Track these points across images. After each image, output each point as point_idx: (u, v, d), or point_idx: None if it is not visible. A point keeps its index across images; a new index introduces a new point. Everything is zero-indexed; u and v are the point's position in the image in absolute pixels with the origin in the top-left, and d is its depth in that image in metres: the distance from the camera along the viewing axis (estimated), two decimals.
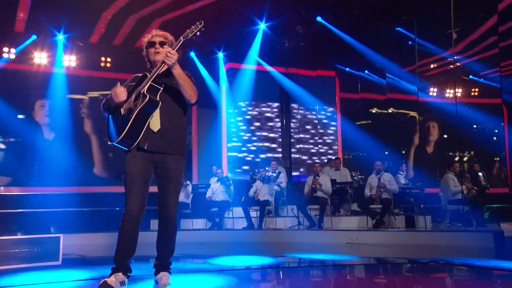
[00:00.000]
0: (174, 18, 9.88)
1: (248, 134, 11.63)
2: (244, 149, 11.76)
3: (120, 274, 3.00)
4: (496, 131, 12.25)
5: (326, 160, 10.87)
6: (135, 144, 3.03)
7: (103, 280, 2.93)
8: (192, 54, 11.46)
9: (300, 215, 8.78)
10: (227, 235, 8.71)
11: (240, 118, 11.78)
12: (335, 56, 11.35)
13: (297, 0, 9.73)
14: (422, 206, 9.78)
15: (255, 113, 11.70)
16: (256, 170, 9.77)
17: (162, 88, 3.10)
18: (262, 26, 10.60)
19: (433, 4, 8.81)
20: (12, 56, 10.28)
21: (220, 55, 11.59)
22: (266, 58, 11.70)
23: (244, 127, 11.69)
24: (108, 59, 10.92)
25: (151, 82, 3.06)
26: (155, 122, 3.07)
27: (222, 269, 4.60)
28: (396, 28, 10.13)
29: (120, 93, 3.04)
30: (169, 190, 3.14)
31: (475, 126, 12.13)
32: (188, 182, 9.51)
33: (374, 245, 7.29)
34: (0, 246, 7.73)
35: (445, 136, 12.27)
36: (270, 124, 11.78)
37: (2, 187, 10.13)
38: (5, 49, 10.26)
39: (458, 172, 8.89)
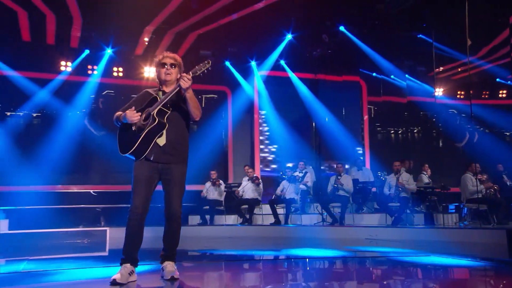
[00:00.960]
0: (208, 31, 10.49)
1: (279, 136, 12.07)
2: (274, 149, 12.25)
3: (128, 265, 3.40)
4: None
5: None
6: (143, 157, 3.47)
7: (112, 278, 3.28)
8: (227, 63, 12.03)
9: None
10: (256, 230, 9.22)
11: (272, 121, 12.24)
12: (360, 62, 11.61)
13: (321, 11, 10.09)
14: (443, 204, 9.93)
15: (286, 115, 12.12)
16: (284, 171, 10.20)
17: (169, 112, 3.51)
18: (289, 36, 11.01)
19: (450, 11, 8.96)
20: (69, 69, 11.23)
21: (253, 63, 12.08)
22: (295, 66, 12.14)
23: (275, 130, 12.14)
24: (154, 69, 11.67)
25: (161, 106, 3.48)
26: (161, 138, 3.49)
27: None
28: (419, 35, 10.30)
29: (134, 117, 3.45)
30: (173, 193, 3.56)
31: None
32: (220, 181, 10.07)
33: (391, 241, 7.56)
34: (57, 238, 8.67)
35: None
36: (300, 126, 12.17)
37: (60, 185, 11.09)
38: (63, 63, 11.24)
39: (476, 172, 8.99)
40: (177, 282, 3.46)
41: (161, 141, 3.51)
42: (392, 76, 12.39)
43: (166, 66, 3.63)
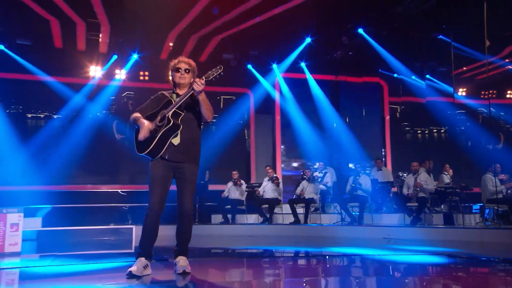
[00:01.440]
0: (230, 36, 10.70)
1: (301, 136, 12.17)
2: (295, 150, 12.36)
3: (143, 259, 3.59)
4: None
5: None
6: (158, 156, 3.66)
7: (128, 270, 3.49)
8: (249, 66, 12.22)
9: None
10: (276, 229, 9.35)
11: (293, 122, 12.36)
12: (380, 63, 11.60)
13: (341, 14, 10.14)
14: (465, 205, 9.82)
15: (307, 116, 12.21)
16: (304, 171, 10.29)
17: (183, 113, 3.71)
18: (309, 39, 11.11)
19: (469, 11, 8.88)
20: (99, 74, 11.65)
21: (275, 66, 12.22)
22: (315, 68, 12.23)
23: (296, 130, 12.25)
24: None
25: (176, 109, 3.68)
26: (176, 138, 3.68)
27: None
28: (439, 36, 10.23)
29: (147, 133, 3.65)
30: (185, 191, 3.73)
31: None
32: (242, 181, 10.23)
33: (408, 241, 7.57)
34: (86, 235, 9.03)
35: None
36: (321, 126, 12.25)
37: (90, 185, 11.52)
38: (92, 68, 11.66)
39: (497, 172, 8.87)
40: (188, 275, 3.64)
41: (176, 141, 3.70)
42: (413, 77, 12.32)
43: (180, 71, 3.83)
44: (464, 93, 12.54)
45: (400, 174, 10.91)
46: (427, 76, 12.20)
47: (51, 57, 11.15)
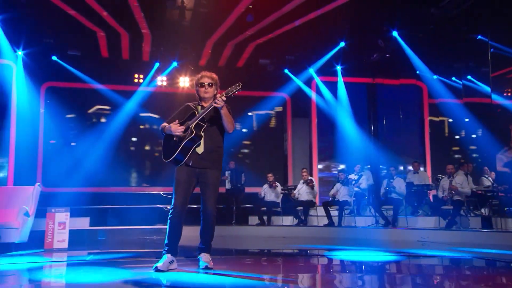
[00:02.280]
0: (266, 41, 10.98)
1: (337, 139, 12.27)
2: (332, 153, 12.47)
3: (169, 255, 3.94)
4: None
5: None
6: (183, 163, 4.00)
7: (154, 266, 3.86)
8: (286, 70, 12.46)
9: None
10: (310, 231, 9.55)
11: (330, 125, 12.49)
12: (418, 65, 11.51)
13: (376, 17, 10.20)
14: (507, 209, 9.57)
15: (344, 119, 12.28)
16: (339, 174, 10.40)
17: (205, 125, 4.02)
18: (343, 43, 11.24)
19: (507, 11, 8.73)
20: (141, 81, 12.27)
21: (311, 70, 12.39)
22: (352, 71, 12.30)
23: (334, 133, 12.36)
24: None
25: (198, 121, 3.99)
26: (200, 147, 4.01)
27: None
28: (478, 37, 10.06)
29: (178, 130, 3.96)
30: (208, 194, 4.04)
31: None
32: (277, 183, 10.48)
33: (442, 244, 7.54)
34: (130, 234, 9.59)
35: None
36: (358, 129, 12.29)
37: (134, 187, 12.15)
38: (136, 75, 12.31)
39: None
40: (210, 270, 3.95)
41: (200, 149, 4.04)
42: (453, 78, 12.13)
43: (204, 85, 4.14)
44: (507, 94, 12.16)
45: (440, 177, 10.78)
46: (468, 77, 11.97)
47: (98, 66, 11.85)
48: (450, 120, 11.79)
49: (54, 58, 11.35)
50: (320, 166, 12.58)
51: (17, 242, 6.48)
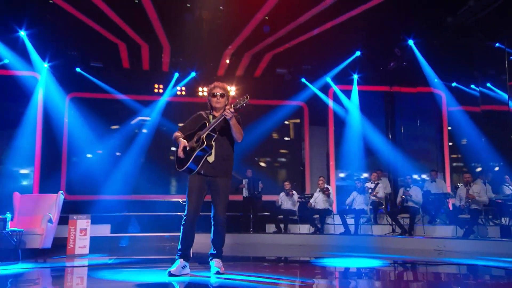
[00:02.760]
0: (283, 51, 11.18)
1: (355, 147, 12.31)
2: (350, 161, 12.50)
3: (182, 260, 4.13)
4: None
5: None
6: (195, 171, 4.20)
7: (168, 270, 4.04)
8: (303, 79, 12.61)
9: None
10: (326, 239, 9.62)
11: (347, 134, 12.55)
12: (436, 73, 11.51)
13: (392, 26, 10.29)
14: None
15: (362, 127, 12.33)
16: (356, 182, 10.44)
17: (216, 135, 4.21)
18: (358, 53, 11.34)
19: None
20: (161, 91, 12.59)
21: (328, 79, 12.50)
22: (370, 79, 12.37)
23: (351, 142, 12.42)
24: (233, 88, 12.58)
25: (209, 131, 4.19)
26: (211, 156, 4.21)
27: None
28: (496, 45, 10.03)
29: (180, 153, 4.20)
30: (218, 201, 4.24)
31: None
32: (294, 191, 10.59)
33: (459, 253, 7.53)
34: (148, 241, 9.82)
35: None
36: (376, 138, 12.33)
37: (153, 195, 12.41)
38: (156, 86, 12.64)
39: None
40: (221, 275, 4.12)
41: (211, 158, 4.24)
42: (472, 86, 12.08)
43: (216, 95, 4.35)
44: None
45: (459, 186, 10.73)
46: (488, 84, 11.91)
47: (120, 76, 12.23)
48: (469, 128, 11.68)
49: (78, 69, 11.75)
50: (337, 175, 12.63)
51: (41, 248, 6.77)
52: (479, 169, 10.40)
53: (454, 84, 12.20)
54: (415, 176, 9.43)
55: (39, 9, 9.37)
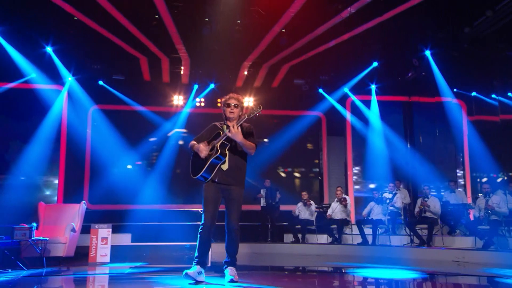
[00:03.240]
0: (300, 63, 11.32)
1: (373, 158, 12.34)
2: (368, 171, 12.53)
3: (198, 266, 4.28)
4: None
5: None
6: (209, 179, 4.36)
7: (184, 271, 4.20)
8: (320, 90, 12.73)
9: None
10: (344, 249, 9.66)
11: (365, 144, 12.60)
12: (454, 83, 11.49)
13: (408, 38, 10.36)
14: None
15: (380, 137, 12.36)
16: (373, 192, 10.46)
17: (230, 144, 4.36)
18: (375, 63, 11.41)
19: None
20: (181, 102, 12.87)
21: (346, 89, 12.59)
22: (388, 89, 12.42)
23: (369, 152, 12.45)
24: (252, 99, 12.77)
25: (223, 140, 4.35)
26: (225, 164, 4.35)
27: None
28: None
29: (203, 153, 4.34)
30: (232, 209, 4.38)
31: None
32: (311, 202, 10.66)
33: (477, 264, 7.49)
34: (168, 250, 10.01)
35: None
36: (395, 148, 12.35)
37: (173, 204, 12.65)
38: (176, 97, 12.91)
39: None
40: (235, 283, 4.25)
41: (224, 166, 4.39)
42: (493, 95, 12.01)
43: (230, 106, 4.50)
44: None
45: (479, 196, 10.63)
46: (509, 94, 11.82)
47: (141, 89, 12.56)
48: (489, 137, 11.61)
49: (100, 82, 12.12)
50: (355, 186, 12.66)
51: (64, 256, 7.02)
52: (499, 180, 10.29)
53: (473, 93, 12.14)
54: (429, 189, 9.37)
55: (65, 26, 9.75)
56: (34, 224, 6.82)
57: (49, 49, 10.57)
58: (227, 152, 4.37)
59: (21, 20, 9.43)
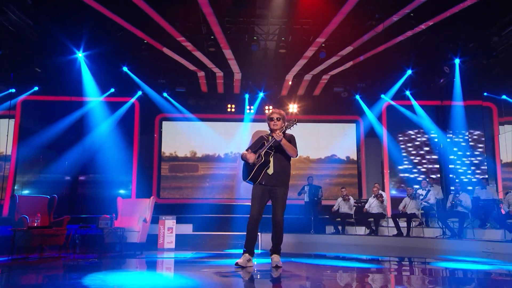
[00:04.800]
0: (339, 72, 11.40)
1: (410, 158, 12.20)
2: (404, 169, 12.39)
3: (247, 255, 4.58)
4: None
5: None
6: (257, 182, 4.66)
7: (236, 262, 4.52)
8: (357, 96, 12.72)
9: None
10: (380, 240, 9.65)
11: (401, 144, 12.47)
12: (485, 87, 11.14)
13: (438, 46, 10.19)
14: None
15: (416, 139, 12.20)
16: (407, 189, 10.36)
17: (273, 152, 4.65)
18: (409, 71, 11.29)
19: None
20: (233, 110, 13.28)
21: (383, 95, 12.52)
22: (421, 95, 12.23)
23: (404, 153, 12.32)
24: (296, 105, 12.97)
25: (267, 149, 4.65)
26: (270, 169, 4.64)
27: None
28: None
29: (251, 160, 4.66)
30: (277, 206, 4.64)
31: None
32: (350, 197, 10.72)
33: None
34: (224, 238, 10.37)
35: None
36: (428, 149, 12.17)
37: (227, 199, 13.08)
38: (229, 106, 13.33)
39: None
40: (280, 268, 4.50)
41: (270, 171, 4.68)
42: None
43: (273, 120, 4.78)
44: None
45: (510, 192, 10.27)
46: None
47: (199, 99, 13.08)
48: None
49: (165, 94, 12.76)
50: (391, 183, 12.55)
51: (138, 242, 7.56)
52: None
53: (503, 96, 11.71)
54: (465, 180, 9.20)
55: (138, 49, 10.42)
56: (114, 215, 7.39)
57: (125, 68, 11.35)
58: (271, 159, 4.65)
59: (103, 46, 10.19)
